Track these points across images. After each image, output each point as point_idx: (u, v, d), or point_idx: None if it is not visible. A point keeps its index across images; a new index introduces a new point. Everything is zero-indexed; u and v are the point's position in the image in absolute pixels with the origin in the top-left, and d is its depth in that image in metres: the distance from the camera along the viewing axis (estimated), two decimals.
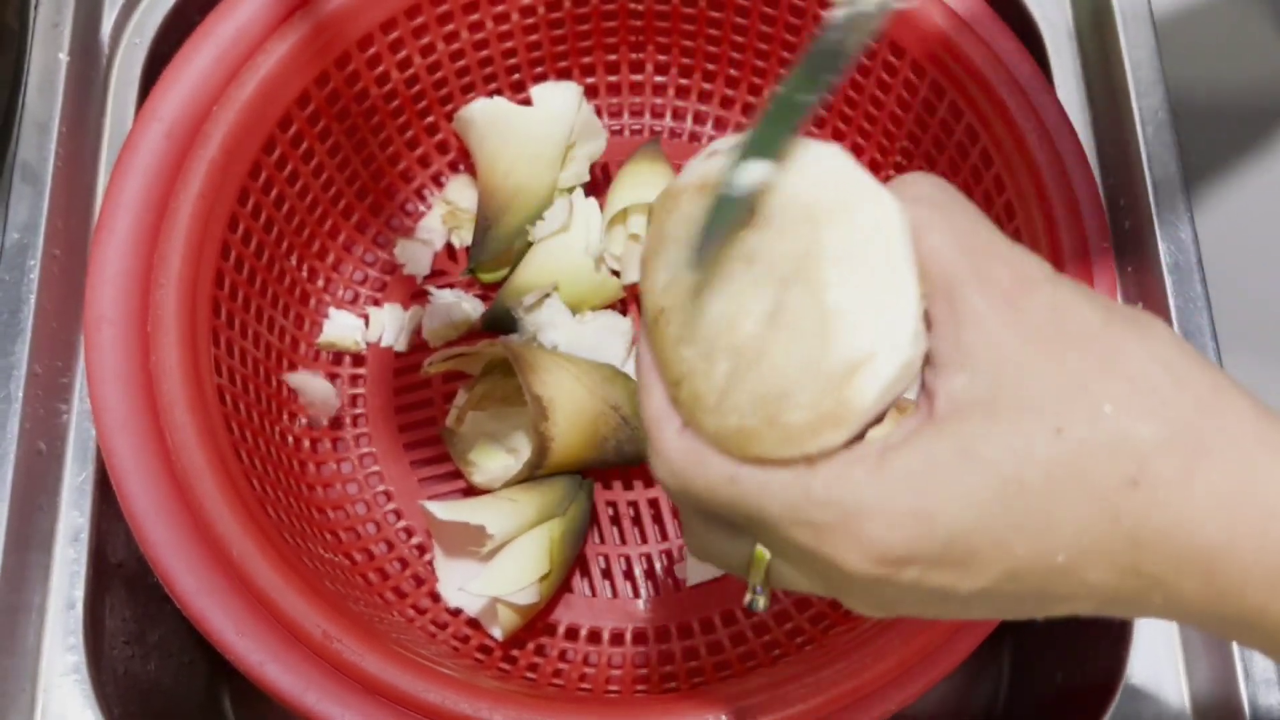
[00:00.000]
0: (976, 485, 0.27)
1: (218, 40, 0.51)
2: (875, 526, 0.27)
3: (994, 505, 0.27)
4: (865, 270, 0.28)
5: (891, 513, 0.27)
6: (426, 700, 0.43)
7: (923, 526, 0.27)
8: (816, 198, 0.29)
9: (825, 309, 0.28)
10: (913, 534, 0.27)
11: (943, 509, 0.27)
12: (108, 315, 0.46)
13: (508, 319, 0.60)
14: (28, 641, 0.49)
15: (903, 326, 0.28)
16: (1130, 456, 0.27)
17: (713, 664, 0.54)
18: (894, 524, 0.27)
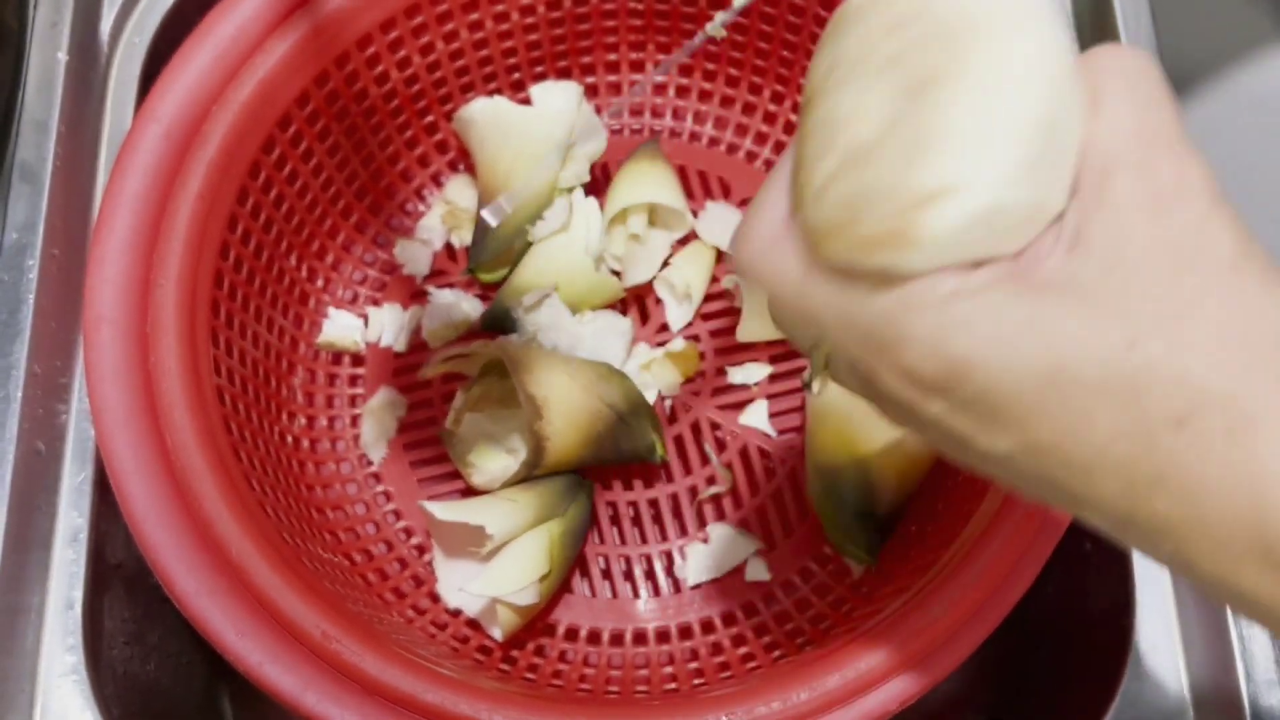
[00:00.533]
0: (1030, 358, 0.27)
1: (217, 40, 0.51)
2: (912, 354, 0.28)
3: (1039, 382, 0.27)
4: (998, 103, 0.27)
5: (934, 347, 0.27)
6: (426, 701, 0.43)
7: (959, 371, 0.27)
8: (988, 10, 0.28)
9: (935, 128, 0.27)
10: (946, 374, 0.27)
11: (985, 365, 0.27)
12: (106, 315, 0.46)
13: (507, 319, 0.60)
14: (27, 642, 0.49)
15: (1002, 168, 0.27)
16: (1187, 399, 0.26)
17: (713, 665, 0.54)
18: (928, 358, 0.28)
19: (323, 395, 0.59)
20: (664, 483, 0.59)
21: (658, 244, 0.62)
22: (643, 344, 0.61)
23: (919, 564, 0.49)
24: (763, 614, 0.56)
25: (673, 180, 0.62)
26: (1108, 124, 0.28)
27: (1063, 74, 0.28)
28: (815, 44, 0.60)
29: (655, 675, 0.54)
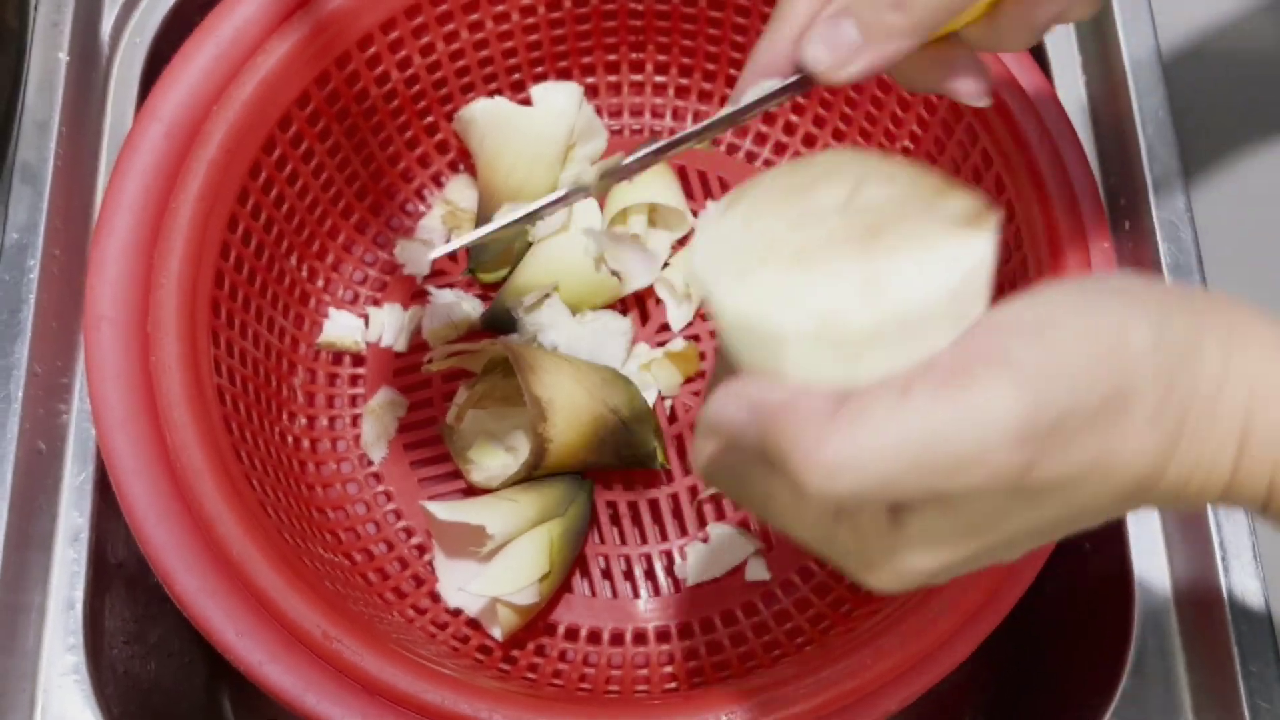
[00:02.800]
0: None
1: (217, 40, 0.51)
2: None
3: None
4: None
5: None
6: (426, 700, 0.43)
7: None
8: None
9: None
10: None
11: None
12: (107, 315, 0.46)
13: (508, 319, 0.60)
14: (28, 642, 0.49)
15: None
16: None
17: (713, 664, 0.54)
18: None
19: (323, 395, 0.59)
20: (664, 483, 0.59)
21: (658, 244, 0.62)
22: (643, 344, 0.61)
23: None
24: (762, 614, 0.56)
25: (673, 180, 0.62)
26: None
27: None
28: None
29: (655, 675, 0.54)
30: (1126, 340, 0.28)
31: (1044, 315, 0.28)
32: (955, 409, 0.27)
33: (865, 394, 0.28)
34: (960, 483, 0.27)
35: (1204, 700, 0.50)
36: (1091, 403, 0.28)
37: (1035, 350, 0.27)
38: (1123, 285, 0.30)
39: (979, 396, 0.27)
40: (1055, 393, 0.27)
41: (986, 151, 0.53)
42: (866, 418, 0.27)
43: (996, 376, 0.27)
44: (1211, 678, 0.50)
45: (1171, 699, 0.50)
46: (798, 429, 0.28)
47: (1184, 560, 0.52)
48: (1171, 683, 0.50)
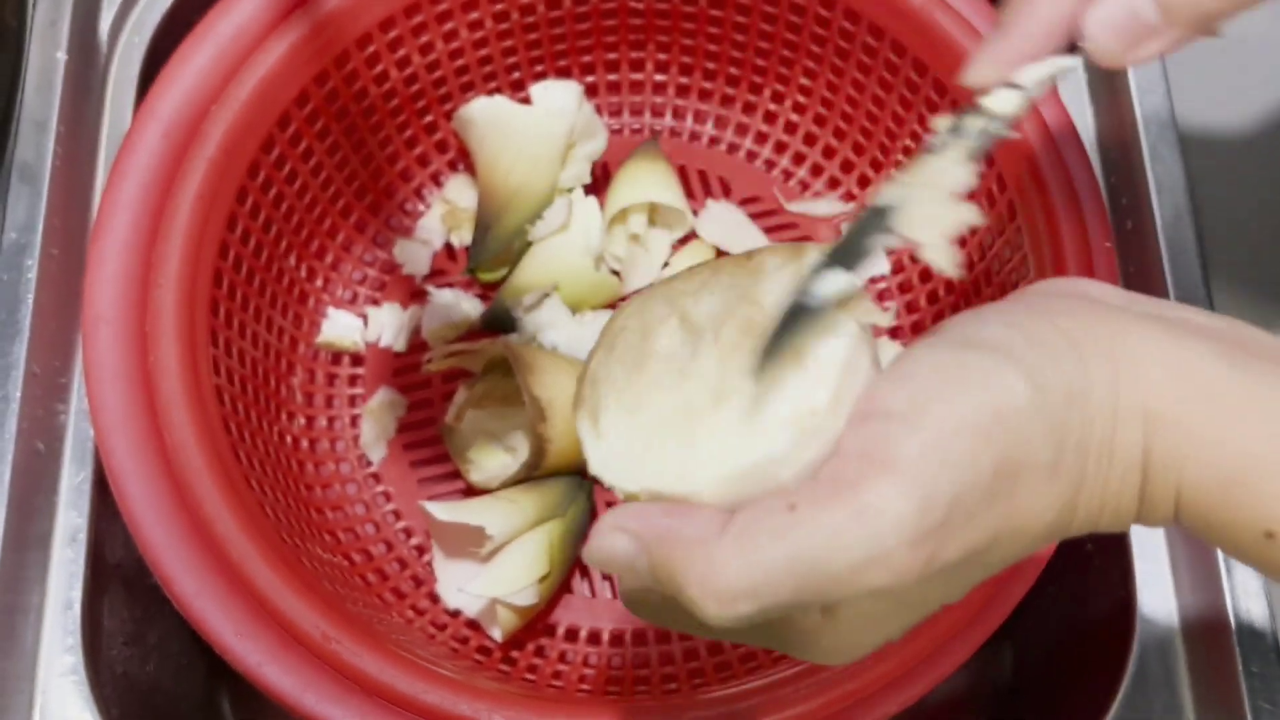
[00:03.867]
0: None
1: (216, 39, 0.50)
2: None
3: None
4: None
5: None
6: (425, 701, 0.43)
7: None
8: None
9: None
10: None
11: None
12: (106, 315, 0.46)
13: (507, 319, 0.60)
14: (26, 642, 0.49)
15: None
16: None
17: (713, 665, 0.54)
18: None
19: (322, 395, 0.59)
20: None
21: (658, 244, 0.62)
22: None
23: None
24: None
25: (673, 179, 0.62)
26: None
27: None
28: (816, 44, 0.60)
29: (655, 676, 0.54)
30: (1004, 407, 0.27)
31: (916, 400, 0.27)
32: (842, 519, 0.26)
33: (751, 511, 0.27)
34: (863, 586, 0.26)
35: (1205, 701, 0.50)
36: (982, 481, 0.27)
37: (913, 443, 0.26)
38: (995, 338, 0.28)
39: (865, 502, 0.26)
40: (941, 483, 0.26)
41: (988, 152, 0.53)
42: (754, 538, 0.26)
43: (878, 479, 0.26)
44: (1213, 678, 0.50)
45: (1173, 700, 0.50)
46: (687, 557, 0.27)
47: (1186, 560, 0.52)
48: (1173, 684, 0.50)
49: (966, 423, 0.27)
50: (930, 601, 0.29)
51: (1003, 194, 0.52)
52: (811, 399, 0.28)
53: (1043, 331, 0.29)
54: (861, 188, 0.63)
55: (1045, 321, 0.29)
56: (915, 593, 0.28)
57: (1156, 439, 0.29)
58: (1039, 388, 0.27)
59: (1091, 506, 0.29)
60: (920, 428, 0.27)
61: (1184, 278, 0.54)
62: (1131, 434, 0.29)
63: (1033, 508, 0.28)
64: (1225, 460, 0.28)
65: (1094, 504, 0.29)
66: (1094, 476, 0.29)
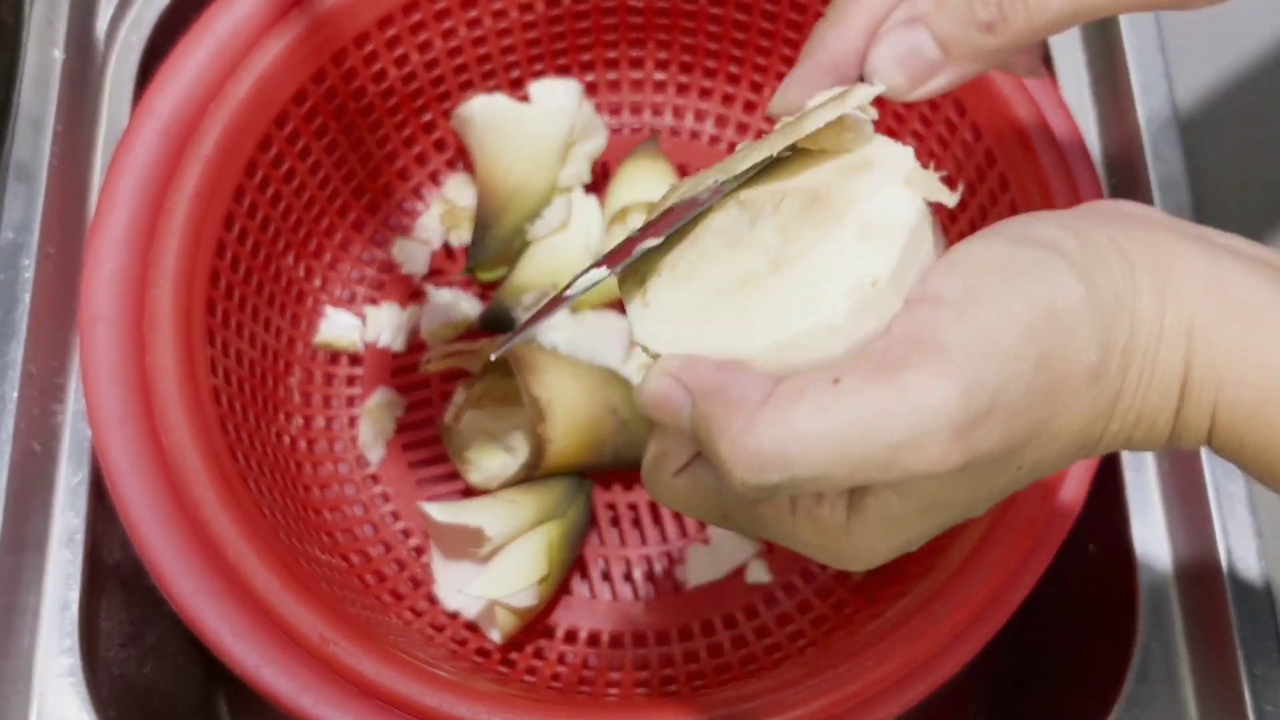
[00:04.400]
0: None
1: (214, 37, 0.50)
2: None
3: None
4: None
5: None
6: (424, 703, 0.42)
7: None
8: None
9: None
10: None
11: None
12: (103, 314, 0.46)
13: (506, 318, 0.59)
14: (22, 644, 0.49)
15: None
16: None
17: (713, 667, 0.53)
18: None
19: (320, 395, 0.59)
20: None
21: None
22: None
23: (921, 566, 0.49)
24: (763, 616, 0.55)
25: (673, 179, 0.61)
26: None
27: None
28: None
29: (655, 678, 0.54)
30: (1055, 301, 0.27)
31: (969, 288, 0.27)
32: (886, 400, 0.26)
33: (797, 381, 0.27)
34: (897, 474, 0.26)
35: (1208, 702, 0.50)
36: (1026, 375, 0.27)
37: (962, 331, 0.26)
38: (1049, 236, 0.28)
39: (910, 385, 0.26)
40: (987, 373, 0.26)
41: (990, 150, 0.53)
42: (796, 407, 0.26)
43: (925, 363, 0.26)
44: (1215, 680, 0.50)
45: (1175, 701, 0.50)
46: (727, 415, 0.27)
47: (1188, 561, 0.52)
48: (1175, 685, 0.50)
49: (1016, 315, 0.27)
50: (955, 504, 0.29)
51: (1004, 194, 0.52)
52: (873, 271, 0.28)
53: (1095, 237, 0.29)
54: None
55: (1097, 229, 0.29)
56: (943, 490, 0.28)
57: (1197, 355, 0.29)
58: (1091, 287, 0.28)
59: (1127, 420, 0.29)
60: (970, 316, 0.27)
61: None
62: (1174, 349, 0.29)
63: (1071, 408, 0.28)
64: (1262, 378, 0.28)
65: (1130, 417, 0.29)
66: (1133, 387, 0.29)
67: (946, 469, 0.27)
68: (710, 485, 0.30)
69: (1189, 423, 0.30)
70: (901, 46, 0.32)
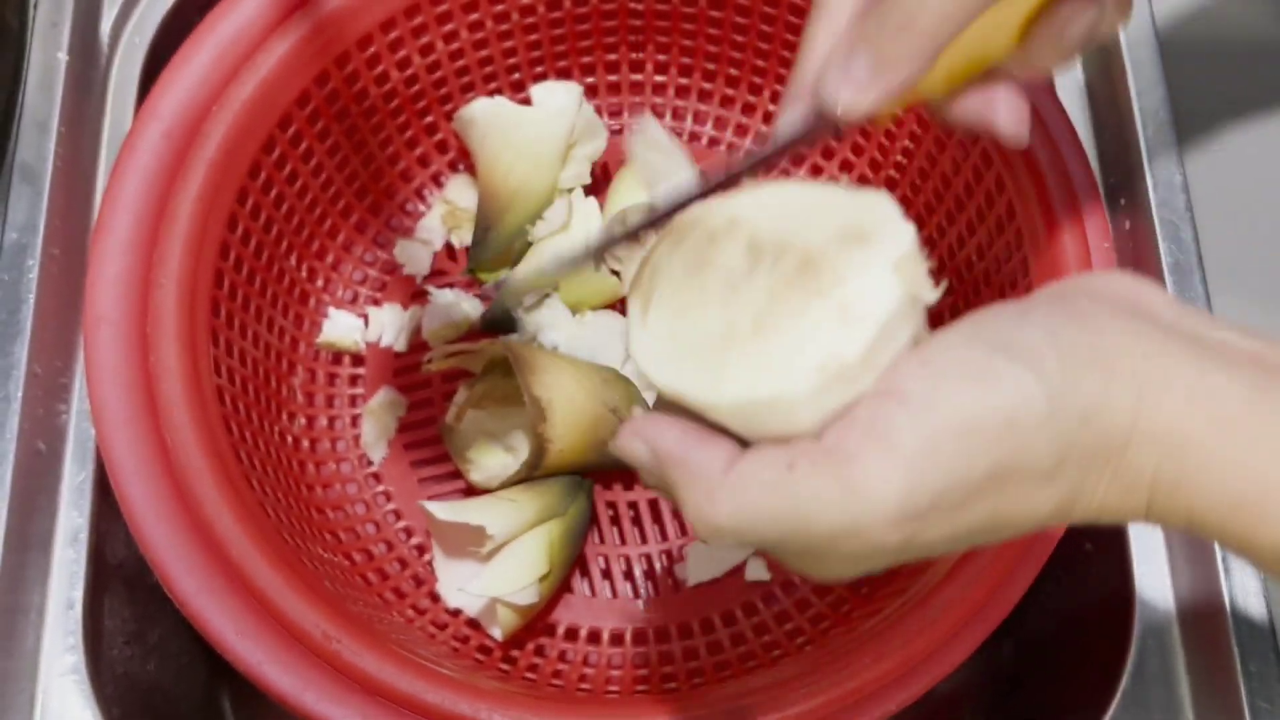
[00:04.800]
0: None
1: (217, 40, 0.50)
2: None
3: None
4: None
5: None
6: (426, 701, 0.43)
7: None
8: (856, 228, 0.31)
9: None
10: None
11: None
12: (107, 315, 0.46)
13: (507, 319, 0.60)
14: (27, 642, 0.49)
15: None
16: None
17: (713, 664, 0.54)
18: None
19: (323, 395, 0.59)
20: None
21: None
22: None
23: (919, 564, 0.49)
24: (762, 614, 0.56)
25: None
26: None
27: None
28: None
29: (655, 675, 0.54)
30: (1015, 417, 0.28)
31: (933, 390, 0.28)
32: (832, 490, 0.27)
33: (755, 459, 0.28)
34: (839, 551, 0.28)
35: (1204, 701, 0.50)
36: (974, 479, 0.28)
37: (916, 434, 0.27)
38: (1029, 347, 0.29)
39: (855, 479, 0.27)
40: (931, 477, 0.27)
41: (986, 151, 0.53)
42: (751, 486, 0.28)
43: (873, 459, 0.27)
44: (1212, 678, 0.50)
45: (1172, 700, 0.50)
46: (689, 485, 0.29)
47: (1185, 560, 0.52)
48: (1172, 684, 0.50)
49: (973, 424, 0.28)
50: (912, 556, 0.30)
51: (1001, 194, 0.52)
52: (844, 350, 0.29)
53: (1079, 347, 0.29)
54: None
55: (1085, 336, 0.29)
56: (895, 556, 0.29)
57: (1168, 462, 0.29)
58: (1056, 407, 0.28)
59: (1089, 510, 0.30)
60: (927, 420, 0.28)
61: (1182, 278, 0.54)
62: (1143, 457, 0.29)
63: (1022, 507, 0.29)
64: (1238, 485, 0.29)
65: (1091, 510, 0.30)
66: (1093, 488, 0.29)
67: (887, 553, 0.29)
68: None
69: (1164, 518, 0.30)
70: (841, 68, 0.34)
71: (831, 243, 0.30)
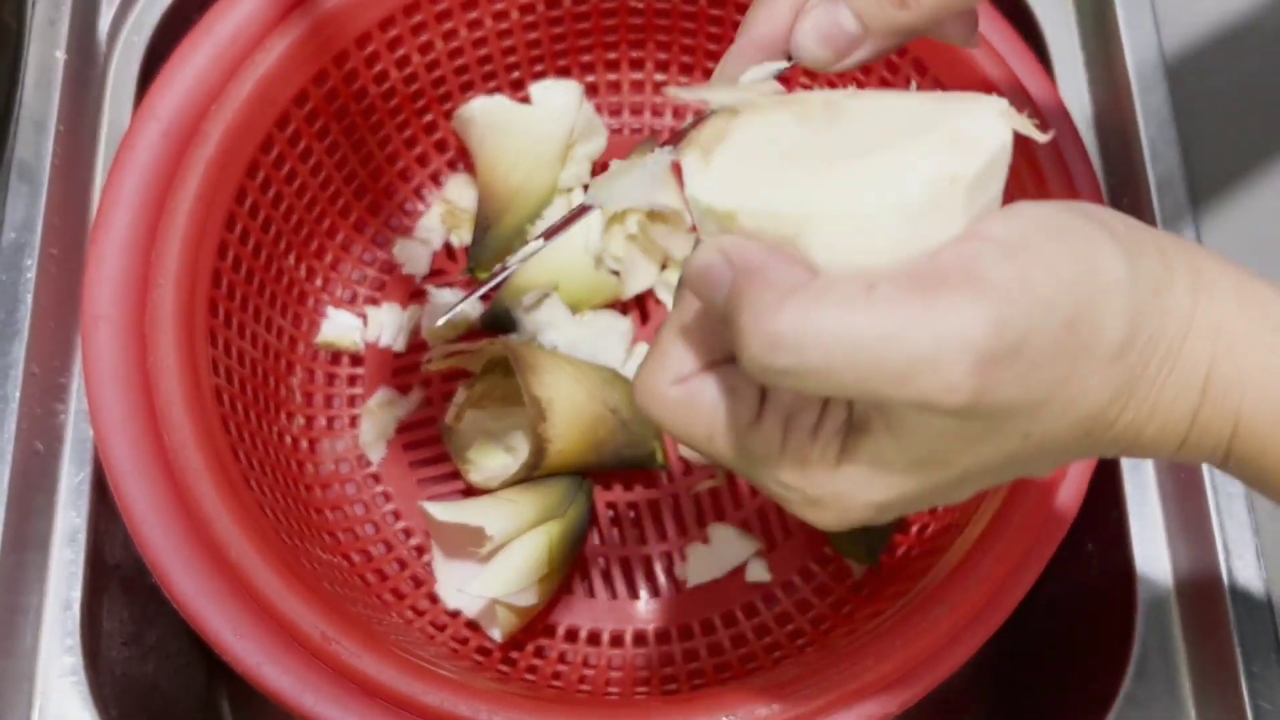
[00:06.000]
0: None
1: (215, 38, 0.50)
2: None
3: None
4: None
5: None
6: (425, 702, 0.43)
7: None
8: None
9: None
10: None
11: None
12: (105, 314, 0.46)
13: (507, 319, 0.59)
14: (25, 643, 0.49)
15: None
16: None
17: (713, 666, 0.54)
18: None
19: (321, 395, 0.59)
20: (664, 484, 0.59)
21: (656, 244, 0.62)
22: (643, 344, 0.60)
23: (920, 565, 0.49)
24: (763, 615, 0.56)
25: (671, 179, 0.61)
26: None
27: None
28: None
29: (655, 676, 0.54)
30: (1098, 270, 0.28)
31: (1022, 233, 0.28)
32: (916, 314, 0.26)
33: (833, 279, 0.27)
34: (909, 393, 0.26)
35: (1206, 700, 0.50)
36: (1055, 329, 0.27)
37: (1005, 268, 0.27)
38: (1101, 215, 0.29)
39: (942, 305, 0.26)
40: (1019, 314, 0.26)
41: None
42: (825, 300, 0.26)
43: (963, 289, 0.26)
44: (1214, 678, 0.50)
45: (1174, 699, 0.50)
46: (759, 294, 0.27)
47: (1186, 560, 0.52)
48: (1174, 683, 0.50)
49: (1060, 269, 0.27)
50: (949, 467, 0.29)
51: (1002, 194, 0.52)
52: (955, 169, 0.28)
53: (1137, 228, 0.29)
54: None
55: (1136, 224, 0.30)
56: (943, 441, 0.28)
57: (1223, 359, 0.29)
58: (1133, 267, 0.28)
59: (1142, 409, 0.29)
60: (1016, 258, 0.27)
61: None
62: (1201, 346, 0.29)
63: (1089, 380, 0.28)
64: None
65: (1144, 407, 0.29)
66: (1153, 377, 0.29)
67: (957, 402, 0.26)
68: (706, 403, 0.30)
69: (1209, 426, 0.30)
70: (824, 23, 0.33)
71: (932, 103, 0.30)
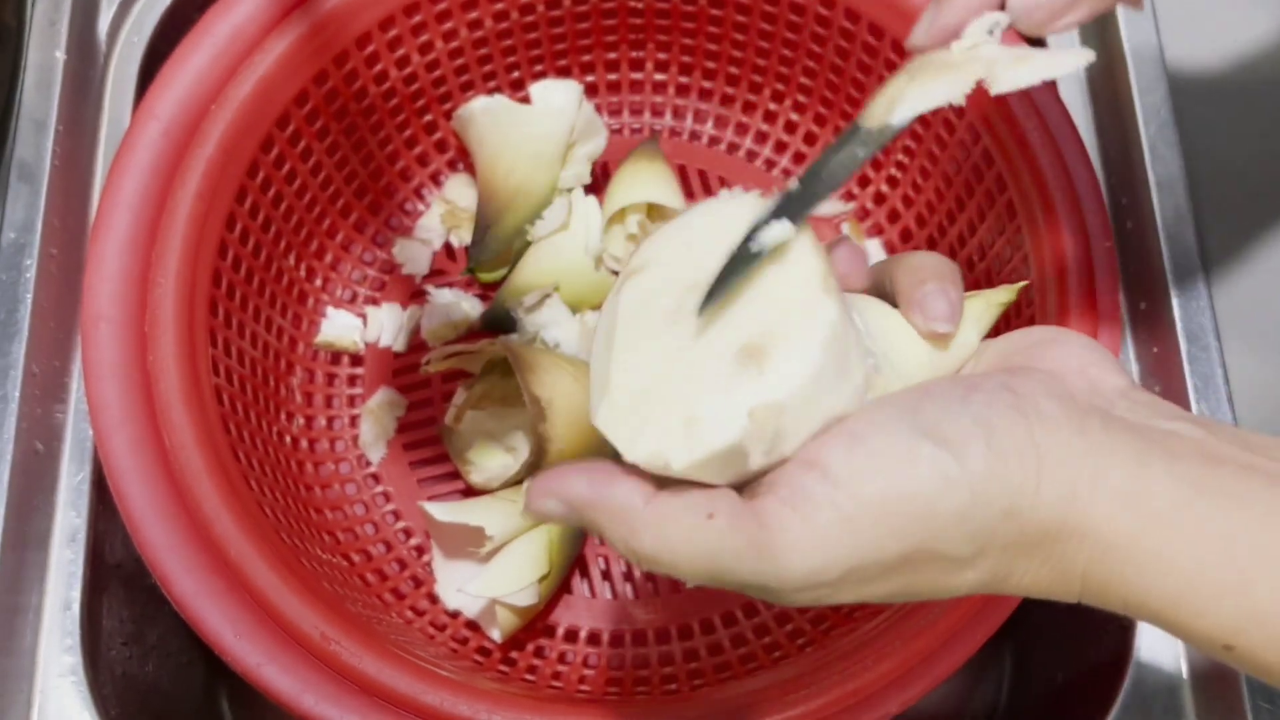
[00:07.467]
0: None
1: (215, 39, 0.50)
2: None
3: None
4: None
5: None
6: (425, 702, 0.43)
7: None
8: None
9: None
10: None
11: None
12: (105, 314, 0.46)
13: (507, 319, 0.59)
14: (25, 642, 0.49)
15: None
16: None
17: (713, 665, 0.54)
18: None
19: (321, 395, 0.59)
20: None
21: None
22: None
23: None
24: (763, 615, 0.56)
25: (671, 179, 0.62)
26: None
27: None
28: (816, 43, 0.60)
29: (655, 676, 0.54)
30: (935, 508, 0.28)
31: (856, 472, 0.28)
32: (747, 547, 0.27)
33: (674, 501, 0.28)
34: (756, 595, 0.29)
35: (1206, 701, 0.50)
36: (887, 560, 0.28)
37: (832, 513, 0.27)
38: (958, 436, 0.28)
39: (771, 541, 0.27)
40: (845, 553, 0.28)
41: (988, 151, 0.53)
42: (671, 527, 0.28)
43: (791, 525, 0.28)
44: (1213, 679, 0.50)
45: (1174, 699, 0.50)
46: (611, 523, 0.29)
47: None
48: (1173, 684, 0.50)
49: (891, 509, 0.28)
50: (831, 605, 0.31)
51: (1002, 194, 0.52)
52: (774, 394, 0.28)
53: (1013, 438, 0.29)
54: (861, 187, 0.63)
55: (1021, 428, 0.29)
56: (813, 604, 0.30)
57: (1097, 563, 0.29)
58: (978, 499, 0.28)
59: (1021, 589, 0.30)
60: (843, 501, 0.28)
61: (1184, 277, 0.54)
62: (1074, 552, 0.29)
63: (938, 584, 0.29)
64: (1172, 584, 0.28)
65: (1023, 587, 0.30)
66: (1023, 570, 0.29)
67: (797, 603, 0.29)
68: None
69: (1099, 601, 0.30)
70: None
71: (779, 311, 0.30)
